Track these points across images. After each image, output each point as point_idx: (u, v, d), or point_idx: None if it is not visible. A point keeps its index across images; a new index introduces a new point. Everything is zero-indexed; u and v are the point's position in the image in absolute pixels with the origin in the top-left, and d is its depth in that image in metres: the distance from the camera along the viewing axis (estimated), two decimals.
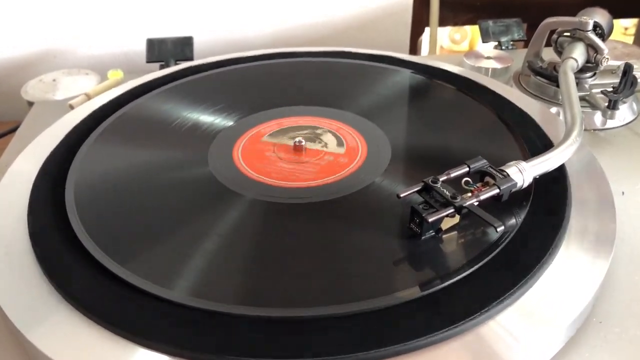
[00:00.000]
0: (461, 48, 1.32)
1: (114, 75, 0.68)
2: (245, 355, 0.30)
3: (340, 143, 0.49)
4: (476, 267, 0.35)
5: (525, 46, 0.70)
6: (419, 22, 0.96)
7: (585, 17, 0.56)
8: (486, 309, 0.32)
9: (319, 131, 0.51)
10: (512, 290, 0.33)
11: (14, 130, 0.63)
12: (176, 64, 0.69)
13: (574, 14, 0.58)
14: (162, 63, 0.71)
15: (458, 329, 0.31)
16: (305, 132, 0.51)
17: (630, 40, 1.20)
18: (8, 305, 0.34)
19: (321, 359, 0.30)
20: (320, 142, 0.49)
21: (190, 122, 0.53)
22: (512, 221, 0.38)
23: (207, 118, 0.53)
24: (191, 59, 0.71)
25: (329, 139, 0.50)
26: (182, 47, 0.72)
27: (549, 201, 0.40)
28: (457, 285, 0.34)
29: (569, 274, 0.36)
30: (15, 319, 0.33)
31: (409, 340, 0.31)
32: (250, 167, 0.46)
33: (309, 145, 0.49)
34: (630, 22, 1.23)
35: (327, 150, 0.48)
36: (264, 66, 0.64)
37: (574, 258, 0.37)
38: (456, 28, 1.02)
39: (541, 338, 0.32)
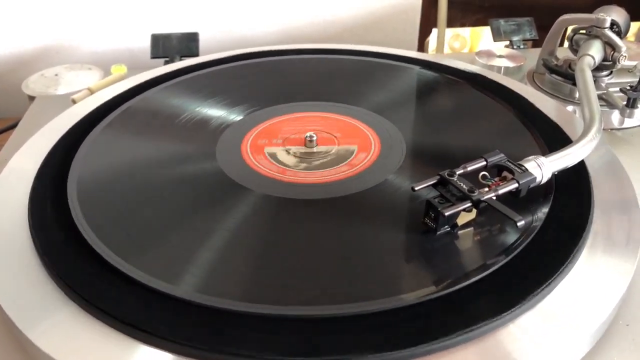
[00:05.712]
0: None
1: (118, 70, 0.66)
2: (252, 355, 0.29)
3: (351, 139, 0.48)
4: (495, 267, 0.34)
5: (536, 45, 0.69)
6: (427, 22, 0.95)
7: (602, 14, 0.55)
8: (506, 312, 0.31)
9: (328, 126, 0.50)
10: (534, 292, 0.32)
11: (13, 126, 0.62)
12: (181, 60, 0.68)
13: None
14: (167, 59, 0.70)
15: (475, 332, 0.30)
16: (315, 127, 0.50)
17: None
18: (7, 303, 0.33)
19: (332, 358, 0.29)
20: (330, 137, 0.48)
21: (197, 116, 0.52)
22: (533, 218, 0.37)
23: (214, 112, 0.52)
24: (196, 55, 0.70)
25: (340, 134, 0.49)
26: (188, 43, 0.71)
27: (572, 201, 0.39)
28: (475, 285, 0.33)
29: (594, 276, 0.34)
30: (15, 317, 0.32)
31: (423, 343, 0.29)
32: (259, 162, 0.45)
33: (321, 139, 0.48)
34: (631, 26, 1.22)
35: (339, 145, 0.47)
36: (271, 62, 0.63)
37: (599, 260, 0.35)
38: (455, 36, 1.01)
39: (564, 343, 0.30)
